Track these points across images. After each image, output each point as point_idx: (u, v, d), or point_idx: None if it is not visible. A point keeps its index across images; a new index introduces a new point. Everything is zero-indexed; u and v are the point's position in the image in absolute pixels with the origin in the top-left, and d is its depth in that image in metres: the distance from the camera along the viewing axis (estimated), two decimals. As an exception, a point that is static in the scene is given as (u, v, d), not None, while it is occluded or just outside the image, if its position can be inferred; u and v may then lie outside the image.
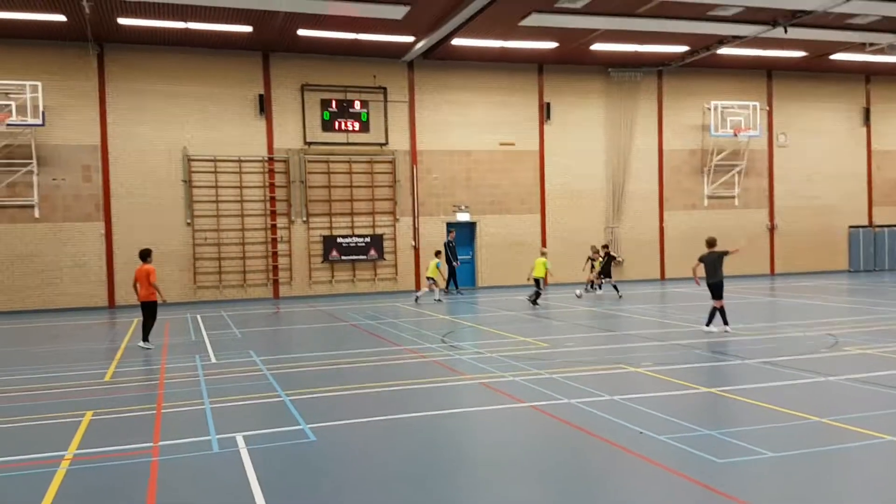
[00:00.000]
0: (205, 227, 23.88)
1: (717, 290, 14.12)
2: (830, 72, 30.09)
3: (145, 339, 14.02)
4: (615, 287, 22.20)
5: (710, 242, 14.50)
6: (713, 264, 14.17)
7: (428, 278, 22.21)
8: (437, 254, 22.82)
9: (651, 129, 28.49)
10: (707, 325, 14.19)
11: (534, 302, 19.85)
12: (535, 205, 27.22)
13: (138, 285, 14.15)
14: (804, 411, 7.95)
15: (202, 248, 23.84)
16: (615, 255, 21.91)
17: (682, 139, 28.90)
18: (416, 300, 21.80)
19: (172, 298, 23.44)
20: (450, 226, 26.00)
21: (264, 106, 24.19)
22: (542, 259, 20.82)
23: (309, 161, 24.81)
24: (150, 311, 14.12)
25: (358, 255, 25.19)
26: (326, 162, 24.98)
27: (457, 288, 24.66)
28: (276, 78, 24.47)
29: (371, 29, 21.94)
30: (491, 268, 26.84)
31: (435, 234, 26.05)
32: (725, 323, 14.08)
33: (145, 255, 14.35)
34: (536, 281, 20.55)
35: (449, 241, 24.54)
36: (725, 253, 14.31)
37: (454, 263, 24.56)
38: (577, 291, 22.33)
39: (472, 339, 14.11)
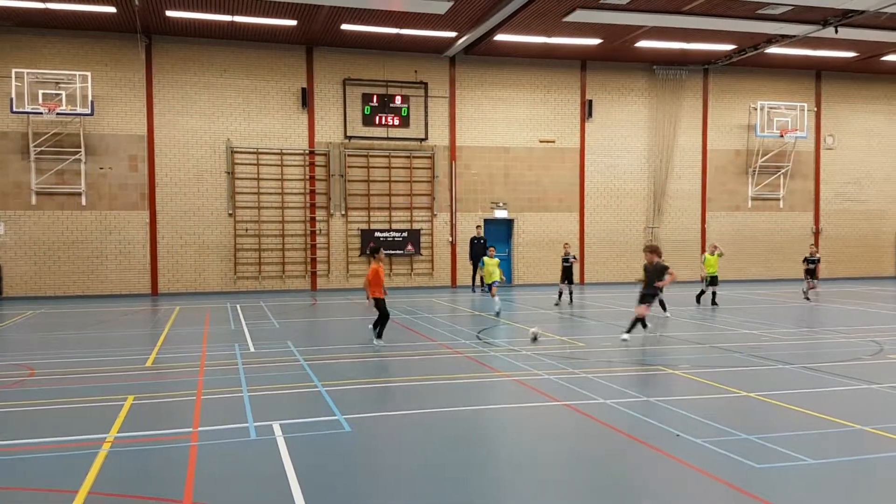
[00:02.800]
0: (246, 218, 24.20)
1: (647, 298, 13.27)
2: (881, 73, 29.31)
3: (378, 335, 12.73)
4: (570, 293, 20.14)
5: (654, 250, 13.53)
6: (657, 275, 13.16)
7: (489, 284, 17.85)
8: (373, 250, 13.70)
9: (695, 129, 28.08)
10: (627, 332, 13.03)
11: (713, 302, 19.17)
12: (573, 203, 27.03)
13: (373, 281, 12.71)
14: (846, 418, 7.77)
15: (243, 239, 24.17)
16: (574, 256, 20.14)
17: (726, 139, 28.44)
18: (497, 314, 17.09)
19: (212, 288, 23.87)
20: (483, 223, 26.00)
21: (307, 99, 24.42)
22: (716, 255, 19.68)
23: (349, 155, 24.97)
24: (378, 307, 12.61)
25: (395, 249, 25.29)
26: (366, 156, 25.12)
27: (475, 285, 24.18)
28: (319, 72, 24.67)
29: (413, 24, 21.99)
30: (528, 266, 26.74)
31: (472, 231, 26.01)
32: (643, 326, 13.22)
33: (372, 251, 13.09)
34: (713, 278, 19.38)
35: (476, 238, 24.29)
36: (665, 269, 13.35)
37: (469, 260, 24.50)
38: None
39: (507, 337, 14.07)
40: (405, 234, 25.38)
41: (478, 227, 24.95)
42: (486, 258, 17.98)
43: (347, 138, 24.88)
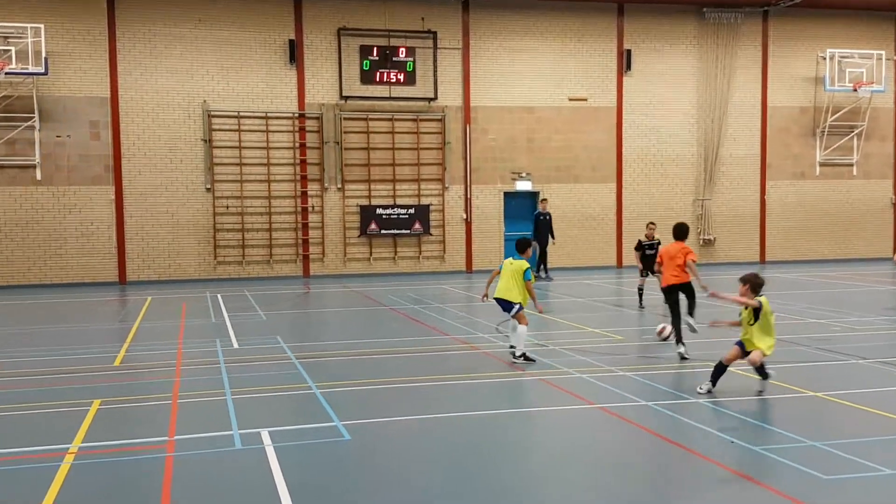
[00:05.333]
0: (227, 193, 24.26)
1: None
2: (976, 13, 28.90)
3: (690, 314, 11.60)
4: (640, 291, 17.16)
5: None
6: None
7: (506, 302, 11.25)
8: (523, 246, 11.61)
9: (753, 82, 27.81)
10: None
11: None
12: (609, 172, 26.91)
13: (663, 266, 11.68)
14: (931, 422, 7.75)
15: (224, 217, 24.25)
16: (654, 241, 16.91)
17: (790, 94, 28.16)
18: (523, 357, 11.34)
19: (189, 274, 24.00)
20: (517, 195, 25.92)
21: (295, 54, 24.36)
22: None
23: (345, 118, 24.94)
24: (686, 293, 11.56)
25: (400, 228, 25.31)
26: (365, 120, 25.08)
27: (546, 272, 23.48)
28: (310, 21, 24.59)
29: (420, -37, 21.83)
30: (556, 246, 26.62)
31: (490, 206, 26.00)
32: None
33: (682, 232, 11.72)
34: None
35: (542, 214, 23.71)
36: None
37: (532, 244, 23.57)
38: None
39: (532, 329, 14.07)
40: (412, 211, 25.38)
41: (543, 199, 24.25)
42: (510, 261, 11.35)
43: (343, 99, 24.84)
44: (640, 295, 16.95)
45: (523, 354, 10.97)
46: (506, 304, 11.08)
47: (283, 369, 10.69)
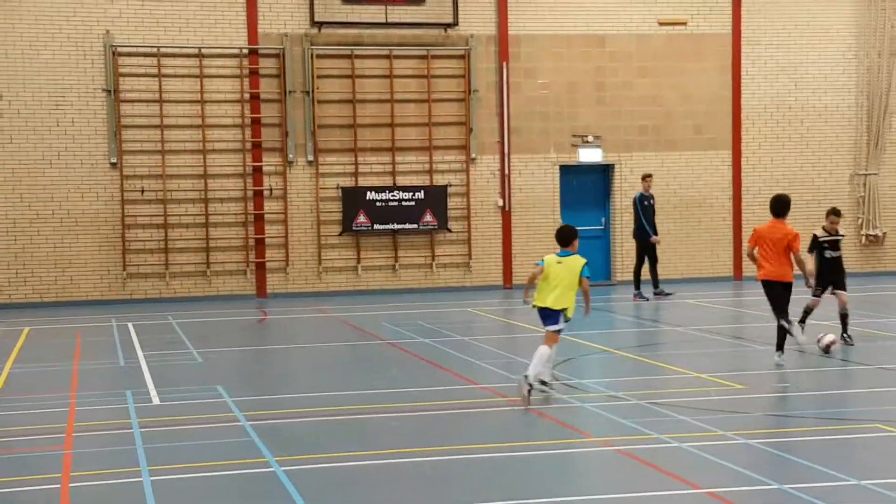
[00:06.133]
0: (142, 170, 24.35)
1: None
2: None
3: (788, 321, 13.77)
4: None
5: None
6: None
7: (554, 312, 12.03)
8: (569, 237, 12.26)
9: (939, -4, 27.74)
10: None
11: None
12: (722, 135, 26.83)
13: (759, 252, 14.01)
14: None
15: (137, 206, 24.30)
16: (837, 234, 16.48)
17: None
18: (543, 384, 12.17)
19: (86, 293, 24.07)
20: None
21: (243, -41, 24.51)
22: None
23: (319, 56, 25.00)
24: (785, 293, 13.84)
25: (403, 222, 25.30)
26: (349, 57, 25.14)
27: (638, 288, 23.19)
28: None
29: None
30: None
31: (539, 187, 25.96)
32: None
33: (783, 206, 14.17)
34: None
35: (645, 197, 23.57)
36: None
37: (652, 238, 23.28)
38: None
39: (605, 375, 14.03)
40: (420, 196, 25.35)
41: (646, 176, 23.91)
42: (557, 259, 12.09)
43: (316, 26, 24.89)
44: (805, 318, 16.12)
45: (540, 381, 11.63)
46: (551, 315, 11.82)
47: (228, 436, 10.67)
